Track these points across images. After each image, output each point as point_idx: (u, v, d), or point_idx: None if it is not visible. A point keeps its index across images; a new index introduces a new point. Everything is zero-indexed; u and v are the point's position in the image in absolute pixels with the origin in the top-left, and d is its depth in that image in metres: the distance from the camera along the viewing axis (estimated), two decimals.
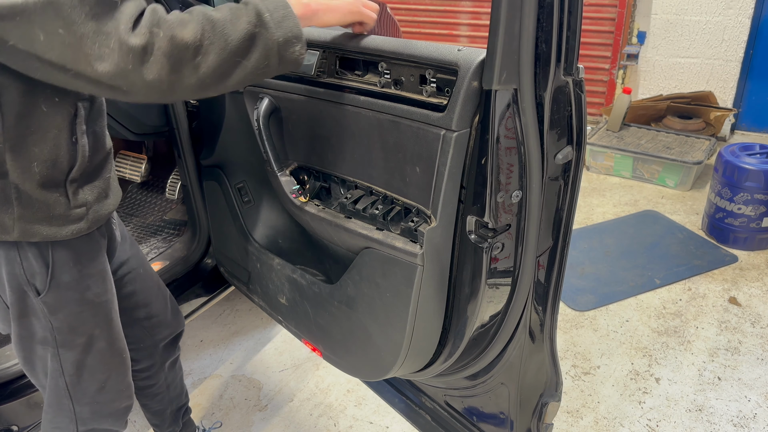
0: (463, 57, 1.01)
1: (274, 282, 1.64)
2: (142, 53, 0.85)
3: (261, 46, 0.95)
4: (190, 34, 0.88)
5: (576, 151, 1.10)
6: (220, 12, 0.93)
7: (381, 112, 1.15)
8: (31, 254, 1.10)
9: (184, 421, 1.88)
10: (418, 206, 1.16)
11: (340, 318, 1.43)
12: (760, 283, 2.85)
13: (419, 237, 1.13)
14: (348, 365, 1.50)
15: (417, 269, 1.15)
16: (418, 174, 1.12)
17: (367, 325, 1.34)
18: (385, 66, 1.15)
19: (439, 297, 1.24)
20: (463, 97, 1.00)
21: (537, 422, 1.35)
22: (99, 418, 1.36)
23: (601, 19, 4.44)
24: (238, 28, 0.93)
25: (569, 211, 1.15)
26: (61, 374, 1.24)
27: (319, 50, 1.27)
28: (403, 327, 1.23)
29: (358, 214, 1.29)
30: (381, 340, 1.32)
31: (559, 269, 1.20)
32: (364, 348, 1.39)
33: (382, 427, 2.11)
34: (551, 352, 1.29)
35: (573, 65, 1.01)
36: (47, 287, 1.13)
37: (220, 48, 0.91)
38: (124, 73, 0.86)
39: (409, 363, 1.32)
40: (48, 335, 1.19)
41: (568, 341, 2.51)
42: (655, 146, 3.90)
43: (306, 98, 1.32)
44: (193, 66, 0.89)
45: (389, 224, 1.22)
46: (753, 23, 4.07)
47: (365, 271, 1.29)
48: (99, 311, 1.23)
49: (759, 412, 2.13)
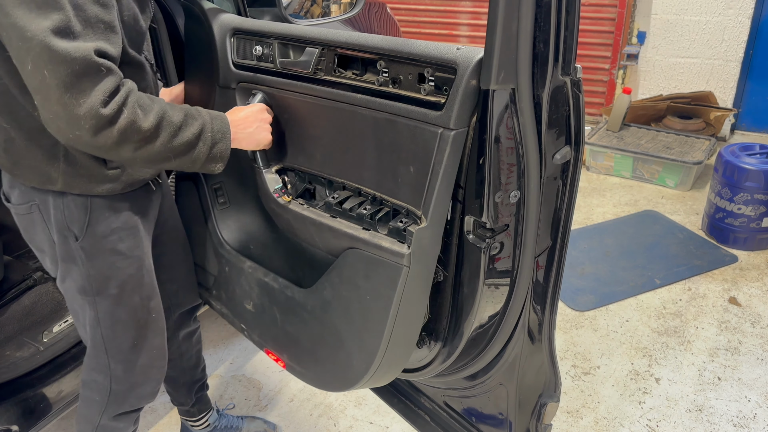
0: (462, 55, 1.01)
1: (242, 287, 1.58)
2: (106, 123, 1.01)
3: (194, 154, 1.18)
4: (147, 124, 1.07)
5: (574, 151, 1.10)
6: (176, 114, 1.14)
7: (377, 110, 1.15)
8: (73, 203, 1.26)
9: (198, 396, 1.90)
10: (408, 207, 1.15)
11: (311, 324, 1.38)
12: (760, 283, 2.84)
13: (407, 237, 1.11)
14: (313, 375, 1.44)
15: (402, 270, 1.12)
16: (411, 174, 1.11)
17: (341, 331, 1.30)
18: (383, 64, 1.15)
19: (420, 303, 1.21)
20: (461, 95, 1.00)
21: (536, 423, 1.34)
22: (131, 379, 1.47)
23: (601, 19, 4.44)
24: (185, 134, 1.15)
25: (568, 211, 1.15)
26: (98, 324, 1.38)
27: (318, 47, 1.26)
28: (380, 332, 1.19)
29: (344, 213, 1.26)
30: (354, 347, 1.27)
31: (557, 269, 1.20)
32: (333, 356, 1.34)
33: (382, 427, 2.11)
34: (550, 353, 1.29)
35: (571, 65, 1.01)
36: (84, 233, 1.28)
37: (161, 144, 1.11)
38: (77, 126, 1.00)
39: (380, 373, 1.27)
40: (86, 284, 1.33)
41: (568, 341, 2.50)
42: (655, 146, 3.90)
43: (301, 95, 1.31)
44: (134, 147, 1.08)
45: (377, 224, 1.20)
46: (753, 23, 4.07)
47: (346, 273, 1.25)
48: (130, 264, 1.35)
49: (759, 412, 2.12)
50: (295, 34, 1.32)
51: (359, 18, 2.87)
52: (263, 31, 1.40)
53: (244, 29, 1.44)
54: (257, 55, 1.40)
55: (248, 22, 1.46)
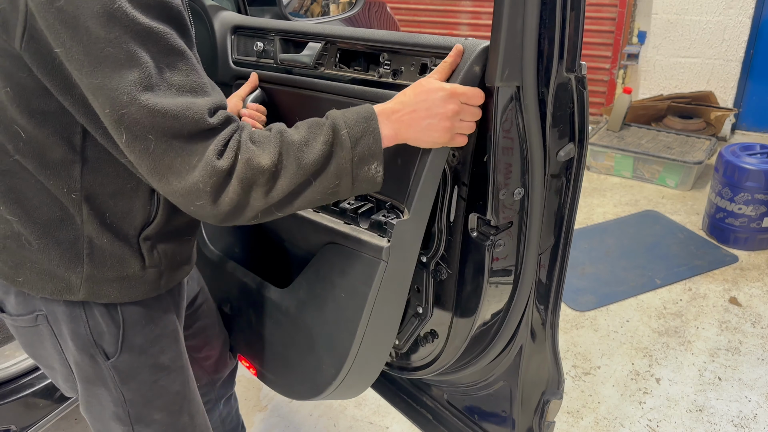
0: (466, 44, 1.00)
1: (222, 289, 1.51)
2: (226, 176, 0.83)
3: (333, 165, 0.89)
4: (267, 159, 0.85)
5: (578, 148, 1.09)
6: (298, 133, 0.90)
7: (372, 101, 1.13)
8: (98, 311, 1.01)
9: None
10: (392, 200, 1.11)
11: (285, 326, 1.30)
12: (760, 284, 2.84)
13: (388, 231, 1.07)
14: (282, 382, 1.36)
15: (379, 265, 1.07)
16: (398, 165, 1.07)
17: (313, 332, 1.22)
18: (386, 57, 1.14)
19: (397, 305, 1.16)
20: (461, 80, 0.97)
21: (539, 420, 1.34)
22: None
23: (601, 18, 4.44)
24: (314, 149, 0.88)
25: (571, 208, 1.14)
26: None
27: (321, 42, 1.26)
28: (352, 333, 1.12)
29: (327, 208, 1.21)
30: (324, 350, 1.20)
31: (560, 267, 1.19)
32: (304, 360, 1.26)
33: (382, 428, 2.10)
34: (553, 350, 1.28)
35: (576, 62, 1.01)
36: (119, 350, 1.03)
37: (292, 172, 0.87)
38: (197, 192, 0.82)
39: (351, 381, 1.20)
40: (121, 411, 1.07)
41: (569, 341, 2.50)
42: (655, 146, 3.90)
43: (298, 90, 1.29)
44: (264, 190, 0.86)
45: (359, 218, 1.15)
46: (753, 23, 4.07)
47: (323, 269, 1.19)
48: (175, 379, 1.11)
49: (759, 413, 2.12)
50: (298, 30, 1.32)
51: (359, 17, 2.87)
52: (265, 27, 1.39)
53: (245, 26, 1.43)
54: (258, 51, 1.40)
55: (249, 19, 1.46)
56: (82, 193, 0.93)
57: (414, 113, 0.93)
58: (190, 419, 1.16)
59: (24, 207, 0.93)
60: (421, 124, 0.94)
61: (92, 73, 0.77)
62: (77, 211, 0.94)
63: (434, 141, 0.96)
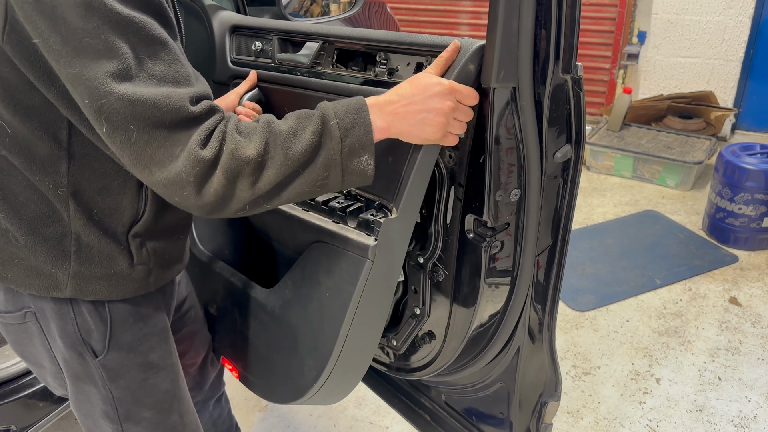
0: (462, 42, 1.00)
1: (208, 288, 1.50)
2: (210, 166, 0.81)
3: (322, 157, 0.87)
4: (252, 149, 0.83)
5: (575, 149, 1.09)
6: (286, 123, 0.88)
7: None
8: (85, 309, 1.00)
9: None
10: (380, 199, 1.11)
11: (269, 326, 1.28)
12: (760, 284, 2.84)
13: (375, 229, 1.07)
14: (263, 384, 1.34)
15: (365, 264, 1.05)
16: (389, 164, 1.06)
17: (297, 333, 1.20)
18: (383, 56, 1.14)
19: (381, 306, 1.14)
20: (456, 77, 0.97)
21: (536, 422, 1.34)
22: None
23: (601, 18, 4.44)
24: (302, 140, 0.86)
25: (568, 209, 1.14)
26: None
27: (319, 41, 1.26)
28: (335, 333, 1.10)
29: (316, 206, 1.20)
30: (306, 351, 1.18)
31: (558, 268, 1.19)
32: (286, 362, 1.24)
33: (381, 428, 2.10)
34: (551, 352, 1.28)
35: (572, 63, 1.01)
36: (106, 348, 1.02)
37: (279, 163, 0.85)
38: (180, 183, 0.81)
39: (332, 384, 1.18)
40: (110, 408, 1.06)
41: (569, 341, 2.50)
42: (655, 146, 3.90)
43: (296, 89, 1.29)
44: (249, 181, 0.84)
45: (347, 217, 1.14)
46: (753, 23, 4.07)
47: (309, 268, 1.18)
48: (165, 377, 1.10)
49: (759, 413, 2.12)
50: (296, 29, 1.32)
51: (359, 17, 2.87)
52: (263, 27, 1.39)
53: (244, 26, 1.44)
54: (256, 51, 1.40)
55: (248, 19, 1.46)
56: (69, 189, 0.93)
57: (410, 105, 0.92)
58: (179, 418, 1.15)
59: (11, 203, 0.93)
60: (415, 118, 0.93)
61: (70, 64, 0.76)
62: (64, 207, 0.93)
63: (426, 137, 0.95)
